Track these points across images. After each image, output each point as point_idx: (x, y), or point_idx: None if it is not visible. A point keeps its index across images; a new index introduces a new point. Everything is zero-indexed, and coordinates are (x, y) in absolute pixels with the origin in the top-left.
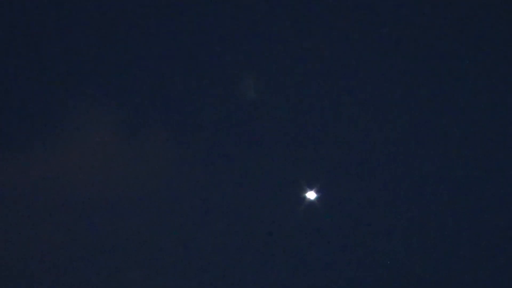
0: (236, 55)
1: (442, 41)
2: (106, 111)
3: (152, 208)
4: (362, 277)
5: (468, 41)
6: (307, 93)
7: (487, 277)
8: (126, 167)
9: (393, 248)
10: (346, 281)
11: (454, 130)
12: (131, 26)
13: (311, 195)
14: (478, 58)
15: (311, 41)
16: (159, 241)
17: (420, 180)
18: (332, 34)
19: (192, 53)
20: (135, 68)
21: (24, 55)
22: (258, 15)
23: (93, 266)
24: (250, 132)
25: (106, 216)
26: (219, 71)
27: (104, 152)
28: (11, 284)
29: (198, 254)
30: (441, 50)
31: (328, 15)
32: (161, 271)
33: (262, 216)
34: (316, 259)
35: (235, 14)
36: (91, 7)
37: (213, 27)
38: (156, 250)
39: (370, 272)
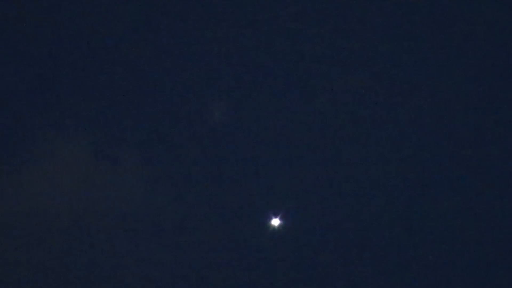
0: (207, 79)
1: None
2: (78, 135)
3: (126, 226)
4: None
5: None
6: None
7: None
8: (99, 189)
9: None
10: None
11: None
12: (106, 47)
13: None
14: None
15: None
16: (135, 258)
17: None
18: (311, 53)
19: (166, 74)
20: (109, 90)
21: None
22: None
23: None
24: (224, 150)
25: (82, 238)
26: (193, 92)
27: (77, 175)
28: None
29: (172, 271)
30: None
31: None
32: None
33: (236, 234)
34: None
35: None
36: (67, 24)
37: (187, 45)
38: (132, 266)
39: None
